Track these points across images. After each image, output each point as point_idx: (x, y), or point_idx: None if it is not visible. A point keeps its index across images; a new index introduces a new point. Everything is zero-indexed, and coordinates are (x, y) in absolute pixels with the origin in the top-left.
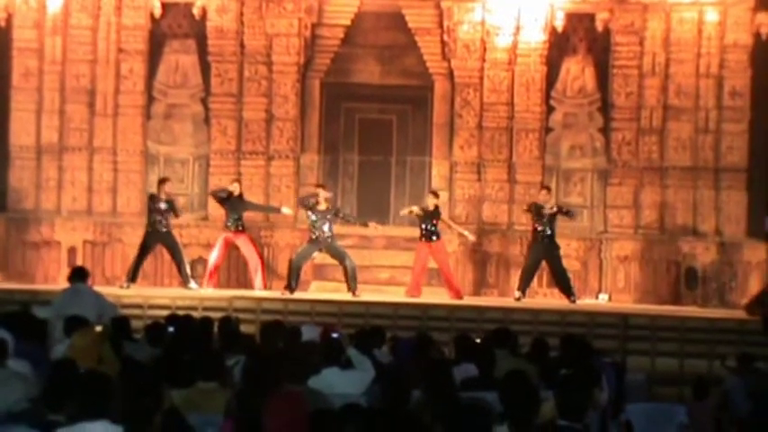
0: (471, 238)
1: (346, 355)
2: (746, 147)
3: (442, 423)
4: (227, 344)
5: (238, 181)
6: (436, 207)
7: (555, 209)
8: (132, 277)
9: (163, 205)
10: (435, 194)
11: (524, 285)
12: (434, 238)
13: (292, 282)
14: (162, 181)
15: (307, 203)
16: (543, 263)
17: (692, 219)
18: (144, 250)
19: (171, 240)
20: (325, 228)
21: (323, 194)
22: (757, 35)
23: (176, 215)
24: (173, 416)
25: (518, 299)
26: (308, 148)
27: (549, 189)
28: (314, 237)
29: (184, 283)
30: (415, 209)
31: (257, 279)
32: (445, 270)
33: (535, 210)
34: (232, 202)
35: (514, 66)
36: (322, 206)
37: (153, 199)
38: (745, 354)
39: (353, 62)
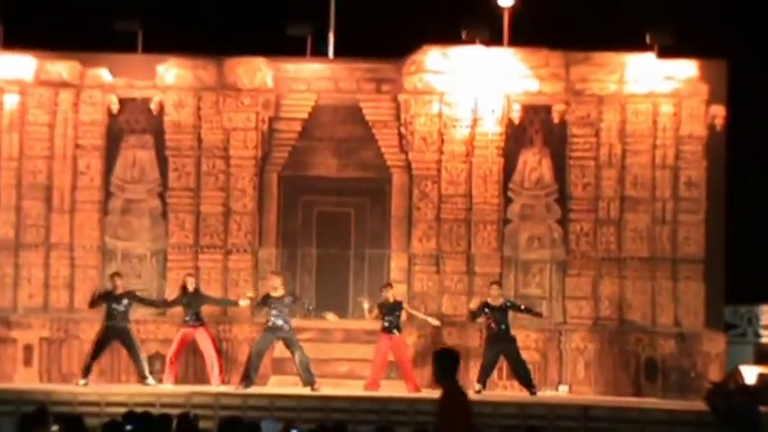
0: (435, 323)
1: None
2: (703, 237)
3: None
4: None
5: (192, 276)
6: (396, 300)
7: (506, 303)
8: (86, 373)
9: (124, 300)
10: (390, 286)
11: (484, 378)
12: (395, 331)
13: (250, 374)
14: (113, 276)
15: (261, 306)
16: (501, 357)
17: (651, 309)
18: (99, 345)
19: (127, 336)
20: (283, 317)
21: (276, 281)
22: (711, 127)
23: (155, 305)
24: None
25: (478, 391)
26: (266, 241)
27: (498, 284)
28: (270, 325)
29: (142, 379)
30: (367, 306)
31: (214, 374)
32: (405, 364)
33: (480, 311)
34: (189, 298)
35: (472, 157)
36: (278, 292)
37: (109, 295)
38: None
39: (311, 155)
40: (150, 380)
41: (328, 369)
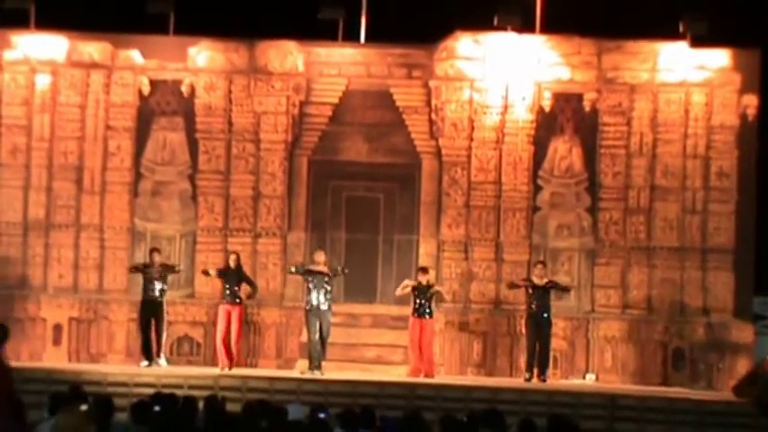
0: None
1: None
2: (733, 227)
3: None
4: (213, 423)
5: (235, 253)
6: (429, 283)
7: (549, 283)
8: (149, 355)
9: (156, 274)
10: (425, 271)
11: (530, 365)
12: (427, 315)
13: (314, 362)
14: (152, 251)
15: (299, 269)
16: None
17: (680, 299)
18: (144, 324)
19: (160, 312)
20: (322, 294)
21: (320, 256)
22: (743, 117)
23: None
24: None
25: (528, 379)
26: (295, 225)
27: (543, 264)
28: (308, 307)
29: (156, 355)
30: (409, 282)
31: (222, 356)
32: (424, 347)
33: (522, 286)
34: (230, 274)
35: (502, 145)
36: (320, 268)
37: (146, 269)
38: None
39: (341, 140)
40: (162, 361)
41: (356, 354)
